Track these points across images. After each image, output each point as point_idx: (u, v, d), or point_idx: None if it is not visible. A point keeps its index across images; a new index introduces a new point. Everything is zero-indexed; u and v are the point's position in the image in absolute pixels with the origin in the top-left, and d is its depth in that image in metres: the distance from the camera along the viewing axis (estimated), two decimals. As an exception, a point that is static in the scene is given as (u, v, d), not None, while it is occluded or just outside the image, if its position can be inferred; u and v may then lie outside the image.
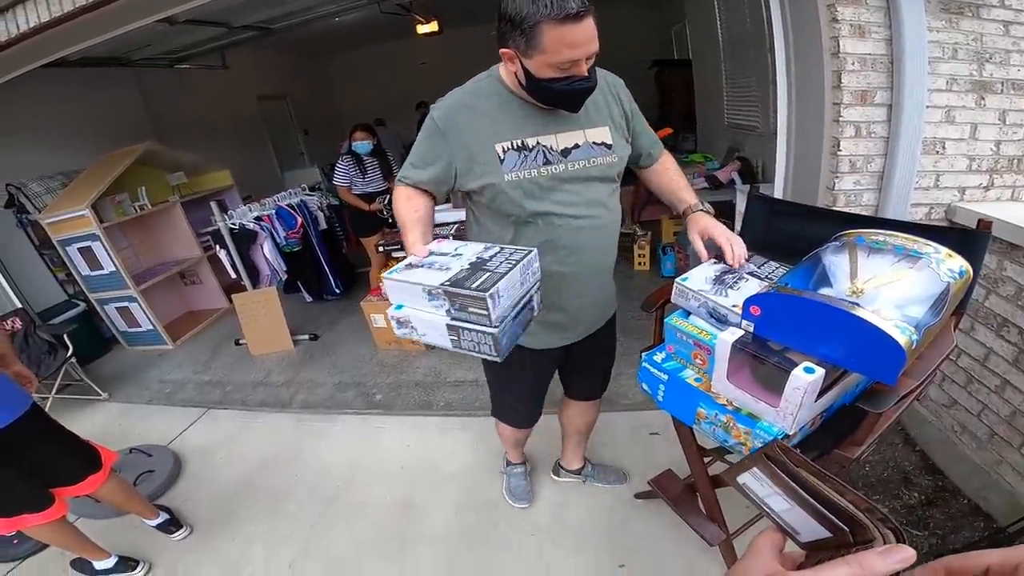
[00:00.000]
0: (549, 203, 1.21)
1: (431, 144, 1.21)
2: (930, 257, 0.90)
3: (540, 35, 1.00)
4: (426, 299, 1.00)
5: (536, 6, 0.97)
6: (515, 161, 1.18)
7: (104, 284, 3.72)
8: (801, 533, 0.40)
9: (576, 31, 0.99)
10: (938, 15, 1.71)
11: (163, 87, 5.42)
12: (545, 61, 1.03)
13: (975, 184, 1.86)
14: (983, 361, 1.75)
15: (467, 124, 1.18)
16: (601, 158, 1.23)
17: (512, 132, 1.18)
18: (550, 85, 1.08)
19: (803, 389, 0.86)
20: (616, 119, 1.27)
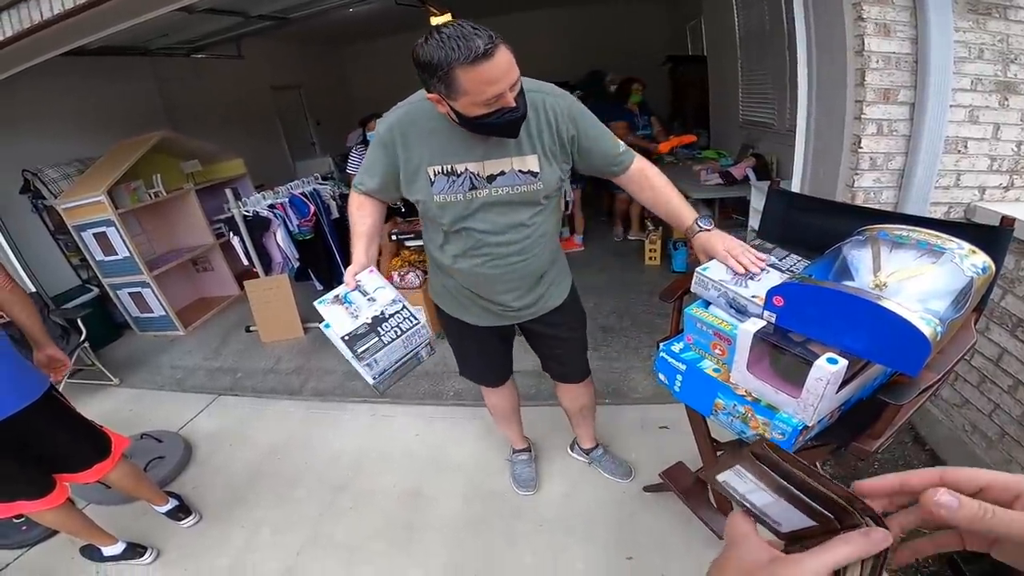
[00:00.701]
0: (472, 221, 1.31)
1: (377, 155, 1.30)
2: (953, 252, 0.90)
3: (457, 80, 1.02)
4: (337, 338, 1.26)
5: (446, 52, 0.99)
6: (443, 185, 1.26)
7: (118, 269, 3.75)
8: (783, 524, 0.40)
9: (491, 68, 1.01)
10: (965, 15, 1.70)
11: (179, 76, 5.45)
12: (469, 101, 1.06)
13: (995, 184, 1.85)
14: (997, 361, 1.74)
15: (407, 142, 1.25)
16: (525, 186, 1.28)
17: (443, 157, 1.24)
18: (481, 120, 1.11)
19: (826, 380, 0.86)
20: (547, 146, 1.27)
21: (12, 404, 1.59)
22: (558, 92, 1.28)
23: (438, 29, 1.02)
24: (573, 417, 2.00)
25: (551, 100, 1.26)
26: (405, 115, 1.25)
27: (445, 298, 1.59)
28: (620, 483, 2.04)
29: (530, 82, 1.23)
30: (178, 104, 5.51)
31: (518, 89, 1.10)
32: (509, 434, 2.11)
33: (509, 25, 7.75)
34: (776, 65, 3.18)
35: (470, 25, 1.01)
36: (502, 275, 1.41)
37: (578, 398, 1.89)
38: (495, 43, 1.01)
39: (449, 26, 1.01)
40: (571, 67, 7.25)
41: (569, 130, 1.28)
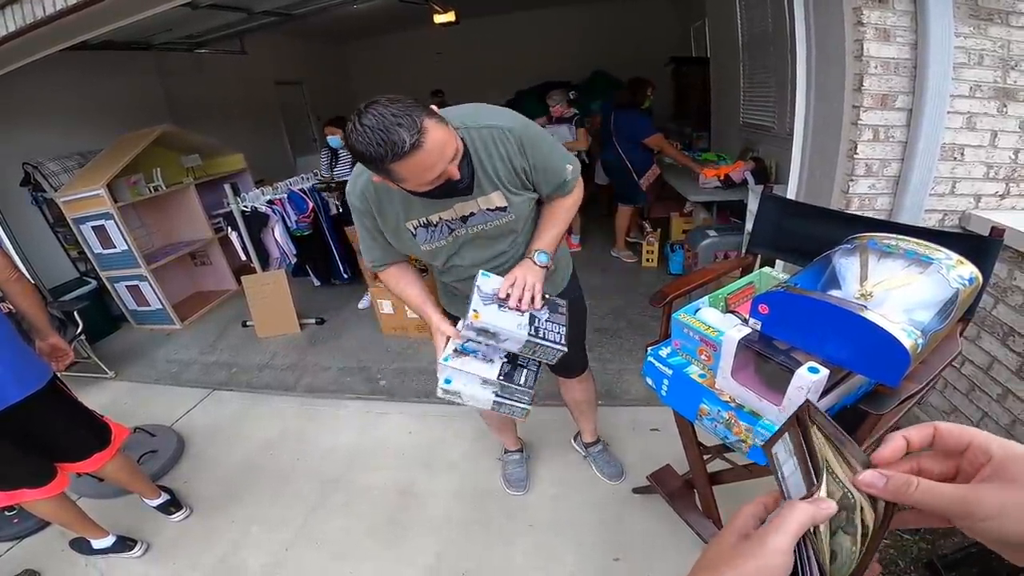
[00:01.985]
0: (458, 259, 1.37)
1: (363, 223, 1.34)
2: (940, 263, 0.90)
3: (393, 172, 1.02)
4: (479, 384, 1.25)
5: (374, 149, 0.97)
6: (425, 235, 1.30)
7: (116, 263, 3.76)
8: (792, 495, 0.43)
9: (422, 158, 1.00)
10: (966, 21, 1.69)
11: (181, 71, 5.46)
12: (413, 184, 1.07)
13: (991, 192, 1.84)
14: (987, 369, 1.74)
15: (379, 206, 1.27)
16: (497, 220, 1.30)
17: (417, 212, 1.26)
18: (432, 192, 1.12)
19: (806, 388, 0.86)
20: (506, 180, 1.25)
21: (16, 392, 1.61)
22: (505, 123, 1.22)
23: (359, 118, 0.97)
24: (574, 410, 2.03)
25: (497, 134, 1.21)
26: (369, 181, 1.23)
27: (452, 300, 1.62)
28: (610, 484, 2.04)
29: (476, 113, 1.22)
30: (180, 99, 5.52)
31: (459, 158, 1.09)
32: (503, 438, 2.12)
33: (513, 24, 7.79)
34: (777, 68, 3.16)
35: (391, 112, 0.96)
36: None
37: (576, 391, 1.91)
38: (421, 131, 0.97)
39: (369, 114, 0.97)
40: (575, 67, 7.25)
41: (520, 163, 1.25)
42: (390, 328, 3.43)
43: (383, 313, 3.38)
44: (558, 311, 1.27)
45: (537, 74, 7.00)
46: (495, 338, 1.18)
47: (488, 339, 1.19)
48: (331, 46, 8.45)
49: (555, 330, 1.21)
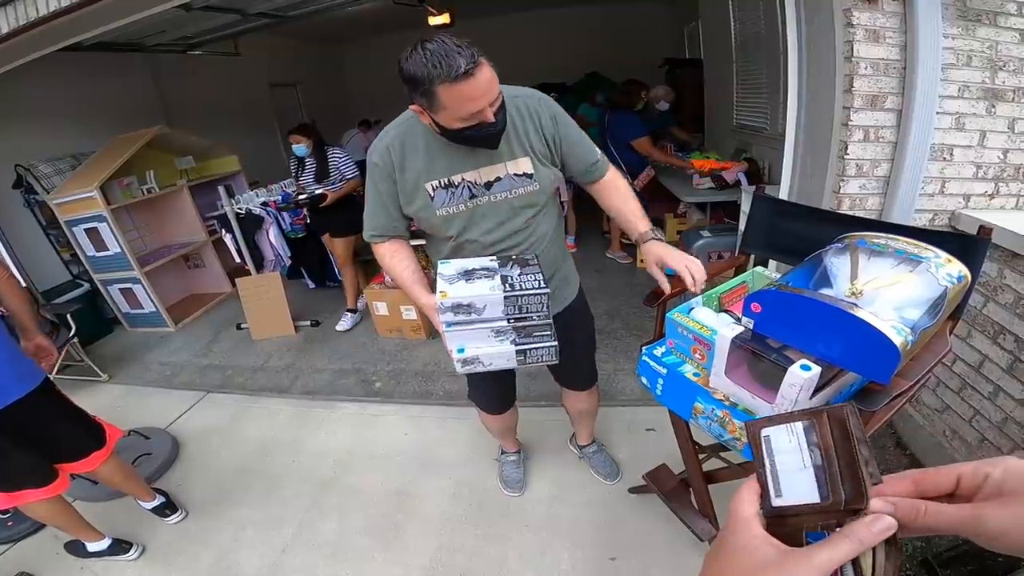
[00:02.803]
0: (475, 231, 1.33)
1: (377, 187, 1.32)
2: (930, 261, 0.91)
3: (438, 96, 1.05)
4: (493, 337, 1.21)
5: (428, 70, 1.02)
6: (444, 198, 1.28)
7: (109, 265, 3.74)
8: (784, 495, 0.40)
9: (471, 86, 1.04)
10: (955, 22, 1.70)
11: (175, 72, 5.43)
12: (449, 116, 1.10)
13: (980, 192, 1.86)
14: (978, 368, 1.75)
15: (402, 162, 1.27)
16: (522, 188, 1.30)
17: (440, 171, 1.26)
18: (461, 133, 1.14)
19: (799, 386, 0.87)
20: (537, 147, 1.29)
21: (16, 391, 1.62)
22: (539, 95, 1.31)
23: (423, 43, 1.04)
24: (574, 418, 2.03)
25: (533, 103, 1.29)
26: (396, 137, 1.27)
27: None
28: (606, 484, 2.04)
29: (512, 88, 1.26)
30: (174, 100, 5.49)
31: (498, 104, 1.13)
32: (503, 441, 2.12)
33: (508, 24, 7.81)
34: (770, 70, 3.19)
35: (454, 42, 1.03)
36: None
37: (578, 402, 1.90)
38: (476, 62, 1.03)
39: (434, 41, 1.03)
40: (570, 68, 7.26)
41: (552, 133, 1.30)
42: (385, 330, 3.43)
43: (378, 315, 3.37)
44: (529, 264, 1.26)
45: (532, 76, 6.95)
46: (474, 310, 1.17)
47: (467, 315, 1.17)
48: (326, 48, 8.45)
49: (532, 279, 1.20)
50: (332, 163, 3.34)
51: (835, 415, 0.41)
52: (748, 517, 0.40)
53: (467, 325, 1.18)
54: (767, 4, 3.07)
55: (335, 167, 3.34)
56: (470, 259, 1.29)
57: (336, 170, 3.33)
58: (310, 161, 3.36)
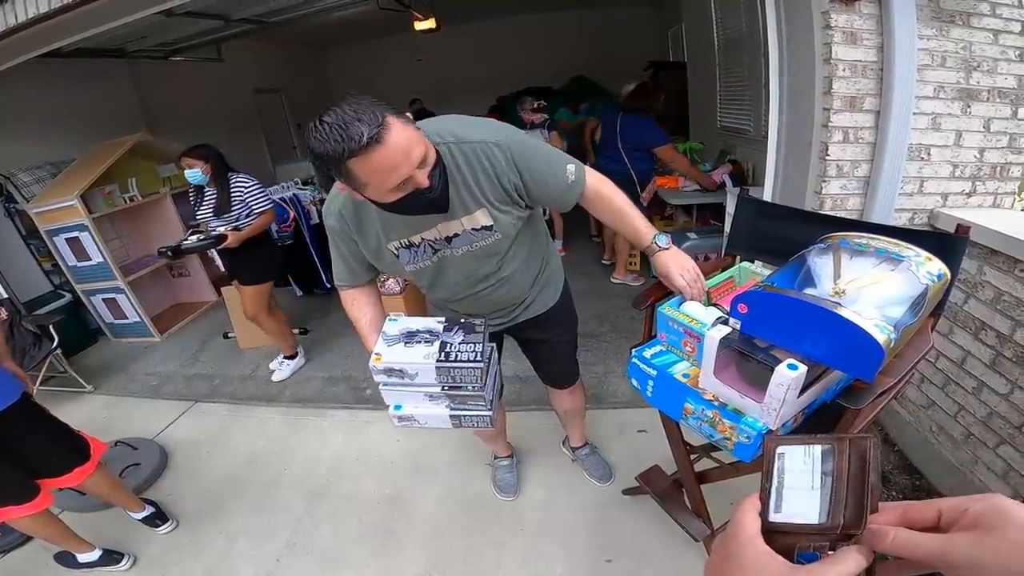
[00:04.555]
0: (445, 277, 1.33)
1: (339, 246, 1.30)
2: (910, 260, 0.93)
3: (353, 173, 0.95)
4: (427, 400, 1.25)
5: (331, 146, 0.91)
6: (408, 256, 1.26)
7: (91, 275, 3.68)
8: (783, 512, 0.41)
9: (383, 154, 0.93)
10: (929, 23, 1.74)
11: (157, 79, 5.36)
12: (376, 191, 1.00)
13: (958, 190, 1.90)
14: (961, 364, 1.79)
15: (359, 226, 1.23)
16: (482, 241, 1.25)
17: (398, 233, 1.22)
18: (399, 204, 1.04)
19: (786, 385, 0.88)
20: (493, 197, 1.18)
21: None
22: (492, 136, 1.15)
23: (320, 118, 0.93)
24: (564, 417, 2.03)
25: (484, 148, 1.14)
26: (347, 201, 1.19)
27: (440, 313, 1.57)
28: (599, 486, 2.05)
29: (458, 127, 1.15)
30: (156, 107, 5.43)
31: (432, 163, 1.02)
32: (494, 446, 2.12)
33: (494, 29, 7.82)
34: (752, 72, 3.23)
35: (352, 108, 0.91)
36: (488, 304, 1.44)
37: (562, 401, 1.90)
38: (382, 124, 0.91)
39: (330, 112, 0.93)
40: (556, 72, 7.31)
41: (512, 179, 1.18)
42: (375, 336, 3.40)
43: (368, 321, 3.35)
44: (475, 331, 1.26)
45: (518, 80, 7.04)
46: (407, 376, 1.21)
47: (400, 378, 1.22)
48: (311, 53, 8.41)
49: (470, 350, 1.21)
50: (235, 194, 2.71)
51: (857, 445, 0.42)
52: (753, 534, 0.40)
53: (401, 387, 1.24)
54: (748, 7, 3.11)
55: (239, 199, 2.71)
56: (416, 319, 1.31)
57: (241, 203, 2.72)
58: (210, 191, 2.75)
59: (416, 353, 1.21)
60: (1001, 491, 1.63)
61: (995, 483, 1.67)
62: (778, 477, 0.43)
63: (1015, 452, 1.60)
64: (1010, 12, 1.78)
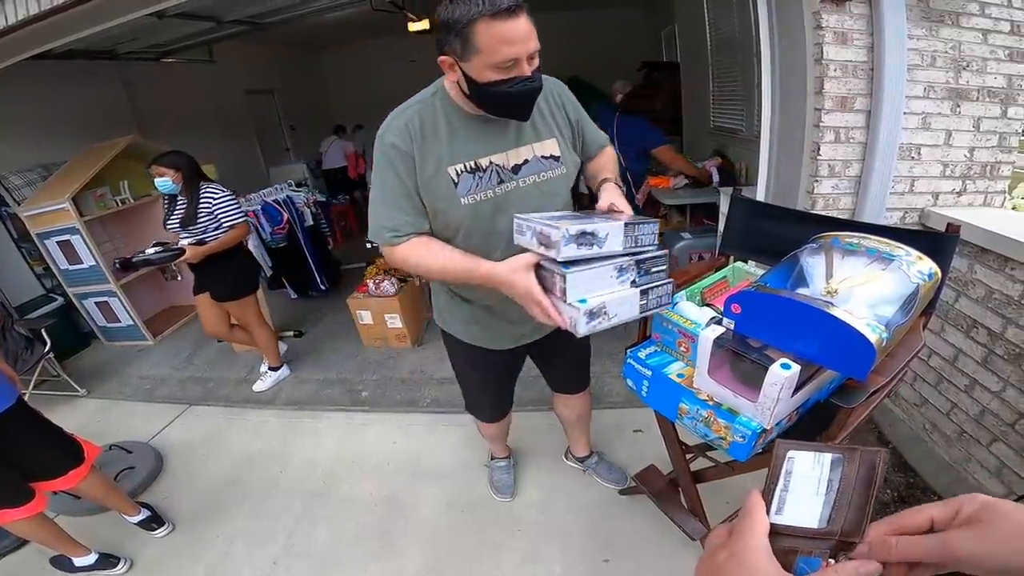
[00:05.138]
0: (501, 223, 1.19)
1: (397, 174, 1.14)
2: (901, 259, 0.94)
3: (475, 35, 0.98)
4: (614, 279, 1.03)
5: (468, 7, 0.96)
6: (470, 184, 1.15)
7: (83, 278, 3.65)
8: (784, 515, 0.42)
9: (511, 27, 0.98)
10: (919, 23, 1.75)
11: (148, 80, 5.34)
12: (484, 62, 1.01)
13: (948, 189, 1.92)
14: (953, 361, 1.80)
15: (423, 144, 1.13)
16: (550, 171, 1.22)
17: (465, 153, 1.15)
18: (493, 88, 1.04)
19: (780, 385, 0.89)
20: (563, 130, 1.25)
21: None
22: (556, 79, 1.28)
23: None
24: (569, 426, 2.00)
25: (554, 84, 1.25)
26: (416, 114, 1.14)
27: (459, 326, 1.47)
28: (601, 485, 2.05)
29: None
30: (147, 109, 5.40)
31: (536, 63, 1.06)
32: (493, 447, 2.10)
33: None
34: (744, 72, 3.25)
35: None
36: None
37: (573, 406, 1.88)
38: (520, 4, 0.98)
39: None
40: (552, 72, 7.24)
41: (573, 115, 1.28)
42: (370, 339, 3.40)
43: (362, 324, 3.35)
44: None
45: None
46: (596, 240, 1.00)
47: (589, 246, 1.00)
48: (304, 54, 8.38)
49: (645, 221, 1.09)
50: (203, 206, 2.56)
51: (867, 457, 0.43)
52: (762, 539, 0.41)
53: (586, 266, 1.00)
54: (741, 7, 3.13)
55: (207, 211, 2.56)
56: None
57: (208, 215, 2.57)
58: (182, 200, 2.60)
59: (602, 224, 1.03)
60: (995, 489, 1.64)
61: (989, 481, 1.68)
62: (784, 480, 0.43)
63: (1008, 449, 1.61)
64: (999, 12, 1.80)
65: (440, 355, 3.16)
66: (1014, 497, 1.52)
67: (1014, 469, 1.60)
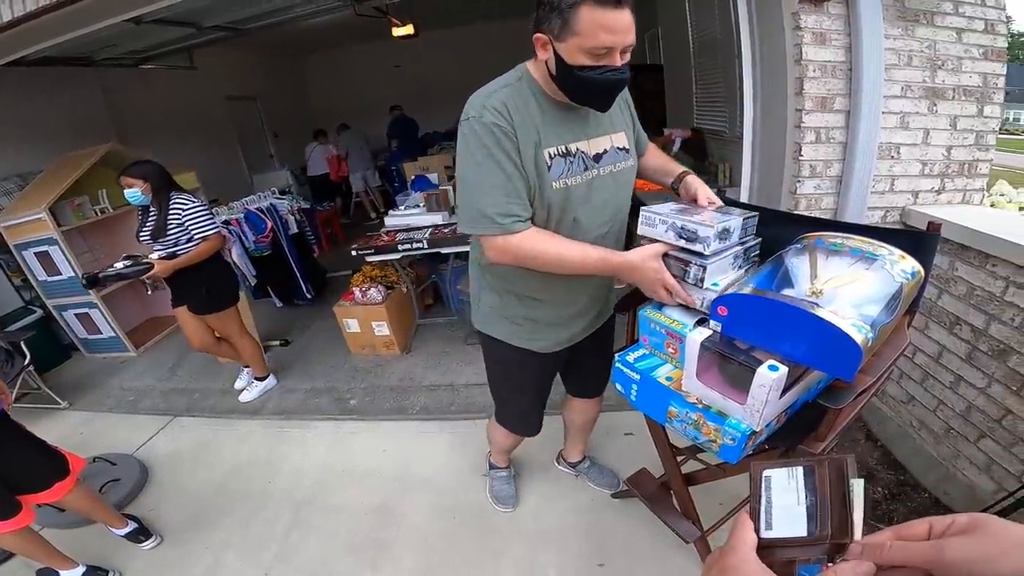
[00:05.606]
0: (582, 211, 1.20)
1: (501, 155, 1.09)
2: (884, 259, 0.95)
3: (577, 17, 0.98)
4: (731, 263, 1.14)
5: None
6: (562, 168, 1.15)
7: (62, 290, 3.58)
8: (774, 528, 0.44)
9: (614, 16, 0.98)
10: (895, 23, 1.78)
11: (126, 87, 5.26)
12: (579, 45, 1.01)
13: (928, 188, 1.94)
14: (937, 358, 1.82)
15: (520, 125, 1.11)
16: (623, 163, 1.26)
17: (557, 137, 1.14)
18: (580, 73, 1.04)
19: (768, 386, 0.89)
20: (628, 124, 1.29)
21: None
22: None
23: None
24: (574, 431, 1.97)
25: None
26: (509, 95, 1.11)
27: (508, 327, 1.43)
28: (594, 489, 2.04)
29: None
30: (126, 116, 5.31)
31: (627, 58, 1.06)
32: (498, 456, 2.03)
33: (474, 34, 7.80)
34: (727, 74, 3.27)
35: None
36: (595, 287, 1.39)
37: (591, 411, 1.86)
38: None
39: None
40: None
41: (633, 111, 1.32)
42: (357, 347, 3.37)
43: (349, 332, 3.31)
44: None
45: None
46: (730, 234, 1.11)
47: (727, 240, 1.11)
48: (286, 60, 8.32)
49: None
50: (172, 217, 2.46)
51: (835, 463, 0.45)
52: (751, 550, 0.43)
53: (719, 255, 1.09)
54: (722, 9, 3.15)
55: (176, 222, 2.46)
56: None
57: (179, 227, 2.47)
58: (153, 212, 2.50)
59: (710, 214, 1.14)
60: (984, 484, 1.65)
61: (978, 477, 1.69)
62: (765, 497, 0.46)
63: (996, 445, 1.62)
64: (972, 10, 1.82)
65: (430, 361, 3.15)
66: (1004, 494, 1.53)
67: (1003, 465, 1.61)
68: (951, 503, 1.78)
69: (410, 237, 3.05)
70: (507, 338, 1.43)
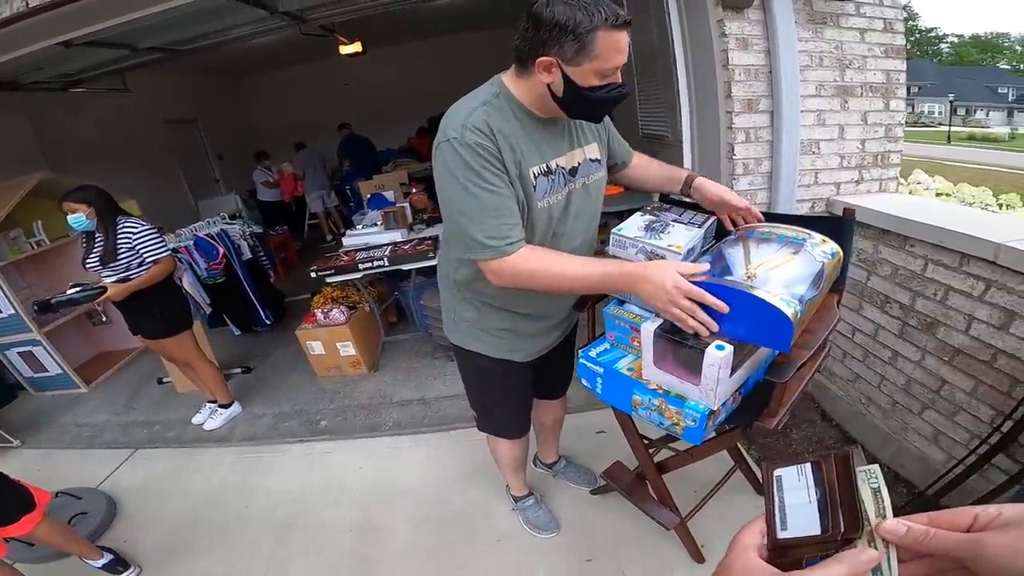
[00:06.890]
0: (561, 226, 1.23)
1: (489, 176, 1.07)
2: (807, 243, 1.06)
3: (595, 42, 0.98)
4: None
5: (592, 14, 0.96)
6: (545, 187, 1.16)
7: (3, 328, 3.39)
8: (789, 528, 0.44)
9: (623, 38, 1.01)
10: (806, 25, 1.92)
11: (57, 112, 5.00)
12: (594, 68, 1.02)
13: (848, 179, 2.11)
14: (874, 336, 1.95)
15: (502, 144, 1.09)
16: (595, 174, 1.28)
17: (539, 155, 1.14)
18: (590, 93, 1.05)
19: (717, 365, 0.98)
20: (600, 134, 1.31)
21: None
22: None
23: None
24: (545, 431, 2.01)
25: None
26: (489, 113, 1.09)
27: (488, 340, 1.44)
28: (576, 487, 2.07)
29: None
30: (57, 143, 5.03)
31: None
32: (515, 481, 1.94)
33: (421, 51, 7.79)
34: (665, 80, 3.42)
35: None
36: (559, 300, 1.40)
37: (559, 411, 1.91)
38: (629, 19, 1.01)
39: None
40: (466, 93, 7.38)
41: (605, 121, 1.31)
42: (323, 369, 3.32)
43: (313, 355, 3.26)
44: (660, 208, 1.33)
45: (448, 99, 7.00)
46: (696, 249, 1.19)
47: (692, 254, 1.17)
48: (227, 80, 8.12)
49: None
50: (122, 241, 2.41)
51: (840, 456, 0.45)
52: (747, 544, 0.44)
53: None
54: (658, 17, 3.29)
55: (127, 246, 2.42)
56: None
57: (130, 251, 2.43)
58: (99, 237, 2.45)
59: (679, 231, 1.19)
60: (934, 455, 1.74)
61: (928, 448, 1.78)
62: (778, 496, 0.46)
63: (939, 416, 1.72)
64: (872, 11, 1.98)
65: (399, 378, 3.15)
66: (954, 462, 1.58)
67: (948, 434, 1.69)
68: (908, 476, 1.84)
69: (370, 256, 3.05)
70: (487, 351, 1.44)
